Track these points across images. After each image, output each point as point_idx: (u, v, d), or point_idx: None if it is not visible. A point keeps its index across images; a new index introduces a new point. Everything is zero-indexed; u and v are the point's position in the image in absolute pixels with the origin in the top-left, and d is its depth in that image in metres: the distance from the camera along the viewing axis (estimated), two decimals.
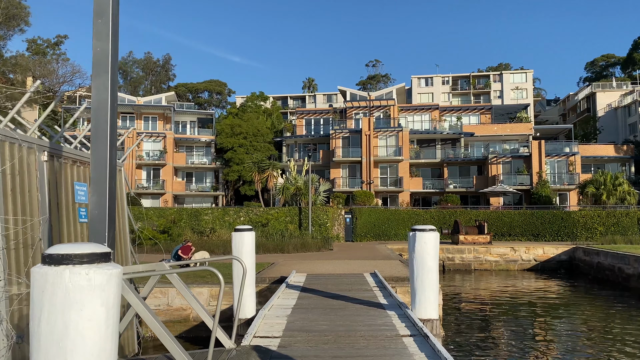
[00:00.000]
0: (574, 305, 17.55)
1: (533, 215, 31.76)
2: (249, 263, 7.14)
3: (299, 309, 7.61)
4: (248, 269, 7.24)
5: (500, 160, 41.60)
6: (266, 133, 48.07)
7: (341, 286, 10.38)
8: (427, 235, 6.95)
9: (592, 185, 33.91)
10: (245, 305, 7.17)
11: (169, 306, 12.46)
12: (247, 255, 7.16)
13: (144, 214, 26.45)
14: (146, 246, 23.13)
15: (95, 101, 3.45)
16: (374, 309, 7.63)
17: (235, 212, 27.52)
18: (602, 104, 59.06)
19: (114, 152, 3.53)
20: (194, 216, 27.12)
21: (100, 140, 3.44)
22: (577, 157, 40.20)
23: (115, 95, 3.42)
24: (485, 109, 47.88)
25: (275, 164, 32.94)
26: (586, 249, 26.06)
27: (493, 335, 12.79)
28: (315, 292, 9.52)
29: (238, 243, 7.22)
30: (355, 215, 31.67)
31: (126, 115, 50.00)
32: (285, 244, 22.41)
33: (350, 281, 11.26)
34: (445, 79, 76.62)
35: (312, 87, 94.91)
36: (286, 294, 9.28)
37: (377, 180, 42.54)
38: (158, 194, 46.49)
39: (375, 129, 43.27)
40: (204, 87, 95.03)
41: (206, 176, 51.09)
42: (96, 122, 3.45)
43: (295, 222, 27.50)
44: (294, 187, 29.07)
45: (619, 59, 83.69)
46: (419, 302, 6.98)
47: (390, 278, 12.54)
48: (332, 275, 12.59)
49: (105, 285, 2.20)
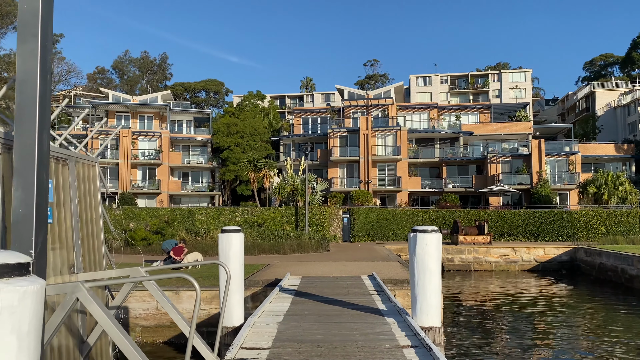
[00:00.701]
0: (578, 307, 17.08)
1: (533, 215, 31.31)
2: (236, 267, 6.62)
3: (291, 316, 7.10)
4: (236, 274, 6.73)
5: (499, 159, 41.15)
6: (263, 132, 47.52)
7: (337, 290, 9.87)
8: (429, 237, 6.44)
9: (594, 184, 33.46)
10: (233, 313, 6.64)
11: (157, 310, 11.93)
12: (234, 259, 6.64)
13: (137, 214, 25.87)
14: (139, 247, 22.60)
15: (21, 72, 2.80)
16: (371, 315, 7.12)
17: (231, 212, 26.95)
18: (601, 103, 58.72)
19: (46, 135, 2.89)
20: (188, 216, 26.53)
21: (27, 121, 2.78)
22: (577, 157, 39.77)
23: (48, 65, 2.80)
24: (484, 107, 47.43)
25: (271, 162, 32.38)
26: (588, 250, 25.62)
27: (494, 341, 12.29)
28: (309, 296, 9.01)
29: (225, 245, 6.69)
30: (353, 215, 31.16)
31: (121, 114, 49.40)
32: (282, 244, 21.88)
33: (346, 284, 10.75)
34: (444, 78, 76.20)
35: (310, 87, 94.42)
36: (279, 298, 8.76)
37: (375, 180, 42.04)
38: (154, 194, 45.90)
39: (374, 128, 42.77)
40: (201, 87, 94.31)
41: (202, 176, 50.52)
42: (21, 98, 2.80)
43: (291, 222, 26.96)
44: (291, 187, 28.53)
45: (618, 59, 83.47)
46: (420, 309, 6.47)
47: (389, 280, 12.04)
48: (328, 277, 12.08)
49: (16, 306, 1.65)
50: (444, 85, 75.82)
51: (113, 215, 26.58)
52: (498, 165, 41.00)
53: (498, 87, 74.15)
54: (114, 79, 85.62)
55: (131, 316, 11.88)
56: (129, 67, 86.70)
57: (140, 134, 47.25)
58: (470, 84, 75.24)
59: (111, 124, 48.69)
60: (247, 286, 12.04)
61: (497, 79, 74.92)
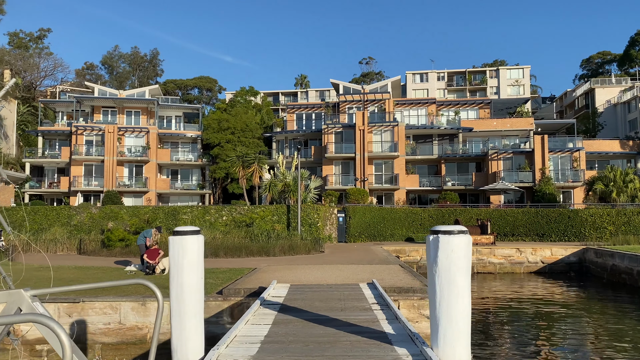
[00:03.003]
0: (594, 313, 15.48)
1: (538, 214, 29.77)
2: (193, 280, 4.90)
3: (271, 344, 5.39)
4: (195, 289, 5.00)
5: (500, 156, 39.61)
6: (255, 128, 45.68)
7: (331, 302, 8.16)
8: (456, 241, 4.75)
9: (601, 181, 31.92)
10: (188, 343, 4.89)
11: (121, 324, 10.16)
12: (190, 270, 4.90)
13: (116, 212, 23.95)
14: (116, 248, 20.77)
15: None
16: (376, 343, 5.41)
17: (217, 211, 25.08)
18: (601, 100, 57.47)
19: None
20: (171, 215, 24.60)
21: None
22: (581, 153, 38.27)
23: None
24: (484, 103, 45.86)
25: (261, 157, 30.46)
26: (598, 250, 24.09)
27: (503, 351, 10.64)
28: (297, 312, 7.29)
29: (177, 252, 4.94)
30: (348, 214, 29.47)
31: (107, 110, 47.41)
32: (271, 246, 20.14)
33: (342, 295, 9.04)
34: (441, 74, 74.70)
35: (305, 84, 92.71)
36: (259, 316, 7.04)
37: (371, 178, 40.38)
38: (140, 192, 43.98)
39: (370, 124, 41.10)
40: (193, 84, 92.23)
41: (192, 174, 48.63)
42: None
43: (283, 221, 25.18)
44: (282, 184, 26.72)
45: (615, 56, 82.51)
46: (443, 337, 4.78)
47: (392, 289, 10.36)
48: (321, 286, 10.36)
49: None
50: (440, 82, 74.31)
51: (90, 214, 24.75)
52: (499, 162, 39.45)
53: (496, 83, 72.76)
54: (103, 74, 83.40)
55: (89, 332, 10.12)
56: (118, 62, 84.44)
57: (127, 130, 45.28)
58: (468, 81, 73.78)
59: (97, 120, 46.71)
60: (227, 296, 10.32)
61: (494, 75, 73.54)
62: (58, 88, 60.80)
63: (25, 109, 53.33)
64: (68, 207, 25.26)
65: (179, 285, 4.79)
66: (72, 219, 23.46)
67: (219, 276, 13.19)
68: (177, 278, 4.79)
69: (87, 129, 44.58)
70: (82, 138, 44.63)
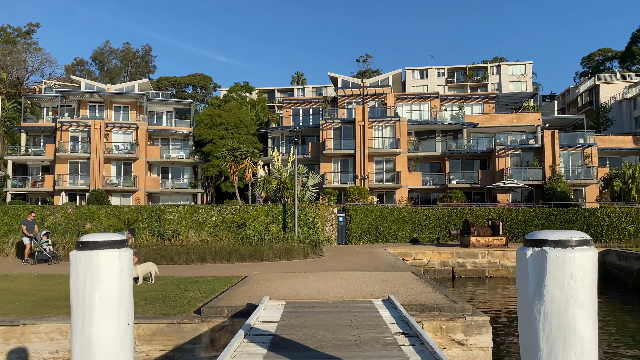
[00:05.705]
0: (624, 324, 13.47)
1: (551, 213, 27.82)
2: (111, 335, 2.81)
3: None
4: (114, 353, 2.91)
5: (508, 152, 37.65)
6: (250, 124, 43.53)
7: (341, 332, 6.10)
8: (578, 259, 2.69)
9: (619, 178, 30.03)
10: None
11: (69, 353, 8.08)
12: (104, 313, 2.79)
13: (93, 212, 21.72)
14: None
15: None
16: None
17: (206, 211, 22.86)
18: (605, 97, 55.77)
19: None
20: (155, 215, 22.33)
21: None
22: (593, 149, 36.34)
23: None
24: (488, 97, 43.89)
25: (254, 152, 28.24)
26: (622, 253, 22.12)
27: None
28: (295, 350, 5.23)
29: (82, 279, 2.79)
30: (349, 214, 27.39)
31: (95, 105, 45.16)
32: (265, 249, 18.05)
33: (354, 319, 6.97)
34: (441, 70, 72.79)
35: (301, 82, 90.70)
36: (241, 356, 4.97)
37: (372, 176, 38.34)
38: (129, 192, 41.76)
39: (370, 119, 39.05)
40: (187, 81, 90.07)
41: (184, 172, 46.42)
42: None
43: (278, 222, 23.06)
44: (278, 181, 24.60)
45: (616, 53, 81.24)
46: None
47: (411, 306, 8.32)
48: (325, 304, 8.29)
49: None
50: (440, 79, 72.40)
51: (66, 214, 22.55)
52: (506, 159, 37.49)
53: (497, 80, 70.98)
54: (94, 71, 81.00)
55: None
56: (109, 58, 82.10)
57: (114, 126, 43.04)
58: (469, 77, 71.90)
59: (83, 115, 44.46)
60: (206, 317, 8.23)
61: (496, 71, 71.75)
62: (44, 84, 58.45)
63: (10, 105, 50.98)
64: (42, 207, 23.05)
65: (84, 343, 2.71)
66: (45, 220, 21.28)
67: (201, 287, 11.11)
68: (81, 328, 2.72)
69: (72, 124, 42.32)
70: (67, 134, 42.36)
